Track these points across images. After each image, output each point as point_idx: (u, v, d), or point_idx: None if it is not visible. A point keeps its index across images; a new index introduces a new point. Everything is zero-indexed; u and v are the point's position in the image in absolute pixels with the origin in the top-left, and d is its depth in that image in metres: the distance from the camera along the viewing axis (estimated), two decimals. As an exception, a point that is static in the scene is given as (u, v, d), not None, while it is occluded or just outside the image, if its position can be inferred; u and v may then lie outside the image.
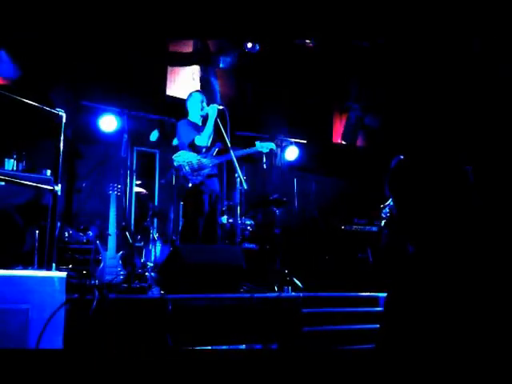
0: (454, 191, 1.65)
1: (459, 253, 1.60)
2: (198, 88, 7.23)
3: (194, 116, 5.28)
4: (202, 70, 7.48)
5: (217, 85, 7.53)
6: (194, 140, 5.05)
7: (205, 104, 5.22)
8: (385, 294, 1.72)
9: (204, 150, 5.12)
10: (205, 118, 5.16)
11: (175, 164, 5.08)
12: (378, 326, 1.71)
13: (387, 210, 5.82)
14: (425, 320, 1.54)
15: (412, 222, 1.71)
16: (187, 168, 5.00)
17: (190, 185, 5.02)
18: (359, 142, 8.86)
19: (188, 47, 7.23)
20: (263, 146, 5.28)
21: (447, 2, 5.96)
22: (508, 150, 5.74)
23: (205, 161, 5.09)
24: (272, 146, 5.35)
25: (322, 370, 2.03)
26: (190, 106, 5.33)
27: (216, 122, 5.07)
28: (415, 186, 1.69)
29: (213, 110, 5.07)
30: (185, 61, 7.16)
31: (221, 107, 5.14)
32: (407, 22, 6.45)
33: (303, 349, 3.82)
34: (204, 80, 7.41)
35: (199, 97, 5.30)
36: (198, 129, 5.16)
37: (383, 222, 5.92)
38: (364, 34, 7.29)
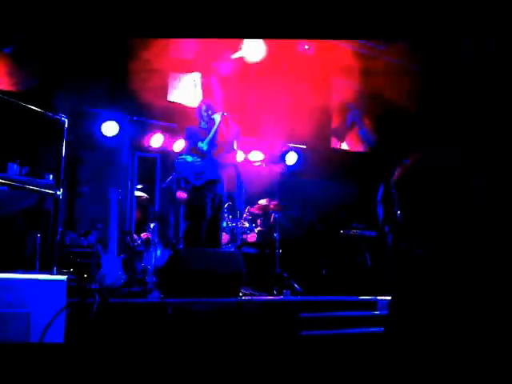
0: (459, 193, 1.67)
1: (467, 253, 1.62)
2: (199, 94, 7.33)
3: (202, 123, 5.47)
4: (203, 77, 7.53)
5: (218, 91, 7.58)
6: (197, 145, 5.21)
7: (210, 111, 5.41)
8: (383, 298, 1.74)
9: (207, 154, 5.26)
10: (211, 125, 5.32)
11: (177, 168, 5.24)
12: (384, 328, 1.72)
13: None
14: (435, 320, 1.55)
15: (421, 225, 1.72)
16: (189, 172, 5.15)
17: (191, 188, 5.15)
18: (360, 147, 8.88)
19: (190, 54, 7.27)
20: None
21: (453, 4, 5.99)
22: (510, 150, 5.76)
23: (207, 165, 5.22)
24: None
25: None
26: (197, 113, 5.53)
27: (220, 127, 5.23)
28: (423, 190, 1.71)
29: (217, 116, 5.30)
30: (186, 68, 7.20)
31: (225, 113, 5.36)
32: (408, 23, 6.48)
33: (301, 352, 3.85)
34: (205, 86, 7.47)
35: (205, 105, 5.48)
36: (205, 135, 5.33)
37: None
38: (365, 36, 7.32)
